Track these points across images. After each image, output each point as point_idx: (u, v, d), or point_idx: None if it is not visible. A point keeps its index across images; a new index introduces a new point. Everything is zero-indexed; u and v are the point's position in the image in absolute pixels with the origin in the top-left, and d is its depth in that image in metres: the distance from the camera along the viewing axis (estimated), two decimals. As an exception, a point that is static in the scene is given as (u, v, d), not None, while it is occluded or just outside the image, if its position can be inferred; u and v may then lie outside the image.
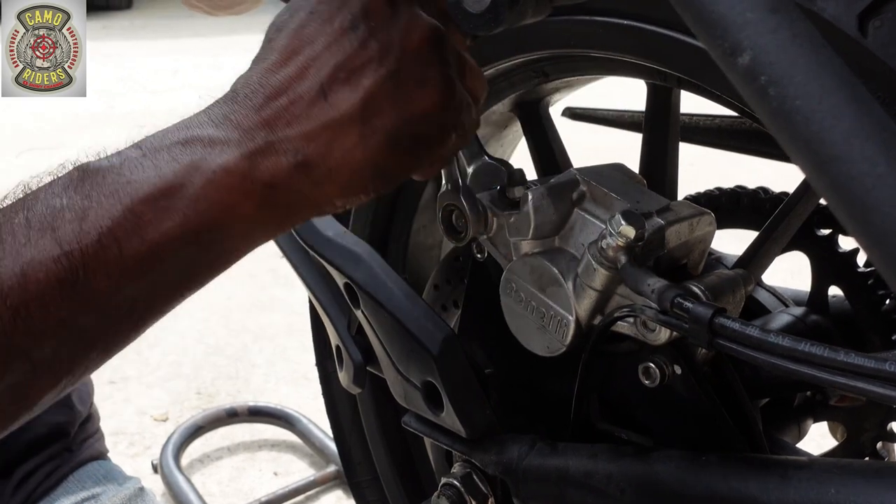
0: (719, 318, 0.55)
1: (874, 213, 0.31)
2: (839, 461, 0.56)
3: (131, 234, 0.46)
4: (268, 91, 0.50)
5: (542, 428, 0.74)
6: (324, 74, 0.50)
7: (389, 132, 0.50)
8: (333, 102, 0.49)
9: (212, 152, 0.48)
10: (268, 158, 0.49)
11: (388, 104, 0.50)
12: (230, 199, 0.48)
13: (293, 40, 0.51)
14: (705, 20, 0.33)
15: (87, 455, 1.21)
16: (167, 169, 0.48)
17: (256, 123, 0.49)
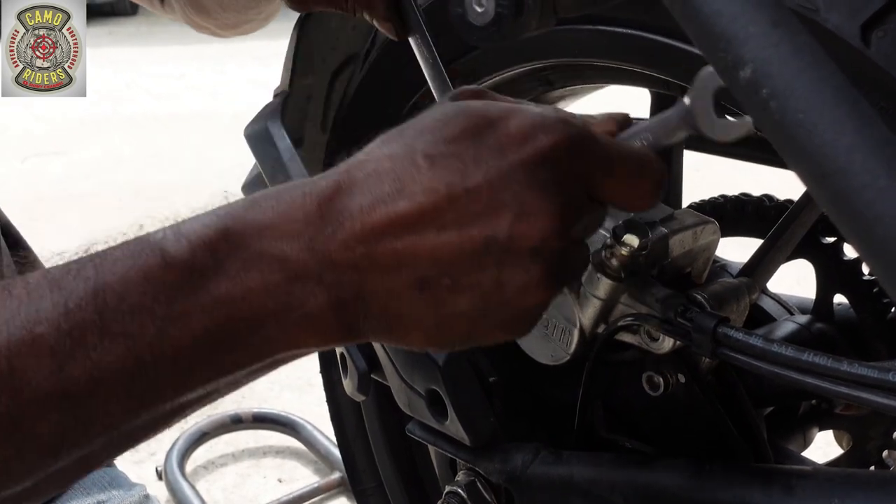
0: (723, 328, 0.55)
1: (876, 225, 0.31)
2: (844, 471, 0.56)
3: (203, 363, 0.43)
4: (369, 233, 0.44)
5: (546, 436, 0.74)
6: (431, 271, 0.44)
7: (472, 323, 0.46)
8: (422, 301, 0.45)
9: (300, 286, 0.43)
10: (352, 312, 0.45)
11: (462, 325, 0.46)
12: (309, 339, 0.45)
13: (428, 194, 0.44)
14: (708, 34, 0.33)
15: None
16: (254, 297, 0.43)
17: (351, 267, 0.44)
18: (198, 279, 0.42)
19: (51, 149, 3.72)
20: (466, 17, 0.44)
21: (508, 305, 0.45)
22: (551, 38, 0.71)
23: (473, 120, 0.45)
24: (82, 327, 0.41)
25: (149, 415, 0.44)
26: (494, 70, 0.79)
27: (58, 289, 0.42)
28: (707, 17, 0.33)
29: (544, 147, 0.44)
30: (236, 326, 0.43)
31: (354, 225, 0.43)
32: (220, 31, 1.03)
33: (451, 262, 0.44)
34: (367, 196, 0.44)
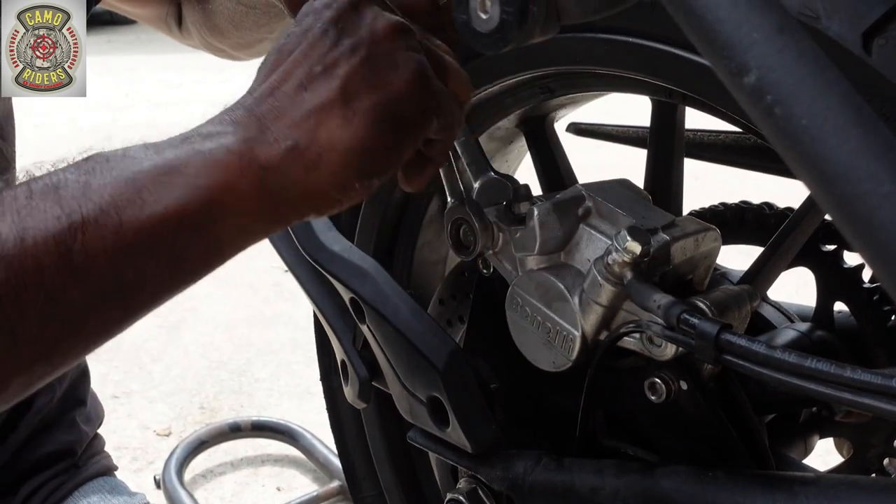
0: (725, 334, 0.55)
1: (880, 231, 0.31)
2: (846, 477, 0.56)
3: (131, 205, 0.48)
4: (257, 95, 0.55)
5: (547, 443, 0.74)
6: (303, 73, 0.55)
7: (369, 112, 0.54)
8: (314, 92, 0.54)
9: (210, 139, 0.52)
10: (262, 144, 0.52)
11: (365, 88, 0.54)
12: (228, 177, 0.51)
13: (277, 56, 0.57)
14: (712, 40, 0.33)
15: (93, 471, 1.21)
16: (170, 153, 0.51)
17: (248, 118, 0.54)
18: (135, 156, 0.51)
19: (50, 158, 3.72)
20: (471, 24, 0.44)
21: (379, 55, 0.55)
22: (552, 45, 0.71)
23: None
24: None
25: (84, 286, 0.47)
26: (495, 78, 0.80)
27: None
28: (711, 23, 0.34)
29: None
30: (156, 175, 0.49)
31: (245, 99, 0.55)
32: (235, 53, 1.04)
33: (311, 55, 0.55)
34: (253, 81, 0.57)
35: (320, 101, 0.54)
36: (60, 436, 1.21)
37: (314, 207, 0.55)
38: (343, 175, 0.54)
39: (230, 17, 0.97)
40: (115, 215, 0.47)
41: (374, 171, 0.55)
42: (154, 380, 2.02)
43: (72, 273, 0.46)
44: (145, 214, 0.48)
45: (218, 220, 0.51)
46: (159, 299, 0.52)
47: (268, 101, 0.55)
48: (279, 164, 0.52)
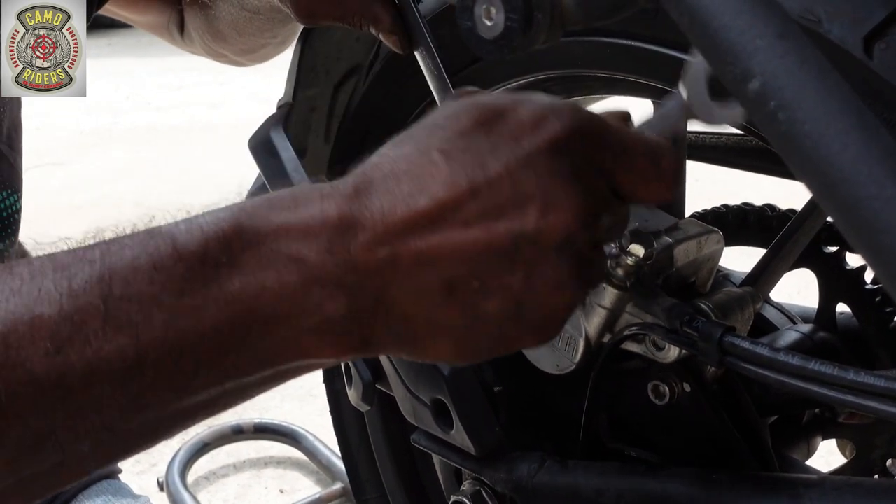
0: (728, 337, 0.55)
1: (883, 234, 0.31)
2: (850, 479, 0.57)
3: (211, 363, 0.41)
4: (393, 236, 0.42)
5: (551, 446, 0.74)
6: (458, 272, 0.42)
7: (489, 342, 0.46)
8: (451, 305, 0.43)
9: (318, 289, 0.41)
10: (370, 326, 0.43)
11: (492, 330, 0.45)
12: (324, 348, 0.43)
13: (448, 188, 0.42)
14: (716, 47, 0.34)
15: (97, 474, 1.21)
16: (265, 295, 0.41)
17: (373, 272, 0.42)
18: (210, 272, 0.40)
19: (50, 160, 3.72)
20: (476, 31, 0.44)
21: (539, 307, 0.43)
22: (554, 49, 0.71)
23: (484, 111, 0.44)
24: (84, 311, 0.39)
25: (144, 418, 0.41)
26: (498, 81, 0.80)
27: (62, 270, 0.40)
28: (715, 30, 0.34)
29: (558, 132, 0.43)
30: (247, 326, 0.41)
31: (376, 226, 0.41)
32: (239, 58, 1.04)
33: (480, 261, 0.42)
34: (387, 196, 0.42)
35: (447, 322, 0.44)
36: None
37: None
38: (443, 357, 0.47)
39: (233, 23, 0.97)
40: (192, 371, 0.41)
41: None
42: (156, 382, 2.03)
43: (134, 413, 0.41)
44: (222, 371, 0.42)
45: (291, 374, 0.45)
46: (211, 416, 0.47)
47: (402, 267, 0.42)
48: (378, 347, 0.45)
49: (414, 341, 0.44)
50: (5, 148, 0.97)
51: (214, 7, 0.97)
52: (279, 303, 0.41)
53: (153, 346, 0.40)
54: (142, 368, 0.40)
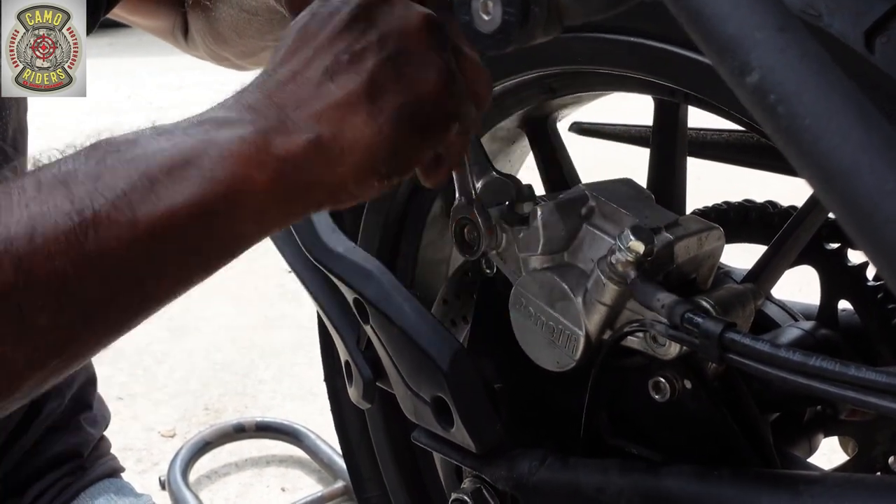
0: (729, 333, 0.55)
1: (884, 228, 0.31)
2: (852, 476, 0.56)
3: (145, 199, 0.46)
4: (277, 79, 0.53)
5: (552, 443, 0.74)
6: (328, 61, 0.53)
7: (395, 111, 0.52)
8: (339, 84, 0.52)
9: (227, 128, 0.50)
10: (281, 135, 0.50)
11: (391, 85, 0.52)
12: (245, 170, 0.49)
13: (299, 36, 0.54)
14: (715, 40, 0.33)
15: (100, 472, 1.22)
16: (183, 142, 0.49)
17: (267, 105, 0.51)
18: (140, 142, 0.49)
19: (58, 144, 3.71)
20: (473, 25, 0.44)
21: (408, 52, 0.52)
22: (554, 45, 0.71)
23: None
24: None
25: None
26: (498, 78, 0.80)
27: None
28: (713, 23, 0.34)
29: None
30: (170, 168, 0.47)
31: (258, 81, 0.53)
32: (240, 61, 1.05)
33: (338, 41, 0.52)
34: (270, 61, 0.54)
35: (346, 93, 0.52)
36: (67, 438, 1.22)
37: (331, 199, 0.54)
38: (364, 172, 0.53)
39: (233, 25, 0.98)
40: (128, 210, 0.46)
41: (396, 170, 0.54)
42: (158, 382, 2.03)
43: (85, 267, 0.45)
44: (159, 209, 0.47)
45: (233, 213, 0.49)
46: (174, 292, 0.51)
47: (288, 86, 0.52)
48: (299, 156, 0.50)
49: (333, 137, 0.51)
50: (10, 150, 0.97)
51: (215, 9, 0.97)
52: (195, 146, 0.49)
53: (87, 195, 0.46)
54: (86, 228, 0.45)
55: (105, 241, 0.45)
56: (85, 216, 0.45)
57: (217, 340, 2.22)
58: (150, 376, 2.04)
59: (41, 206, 0.45)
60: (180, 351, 2.15)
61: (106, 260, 0.46)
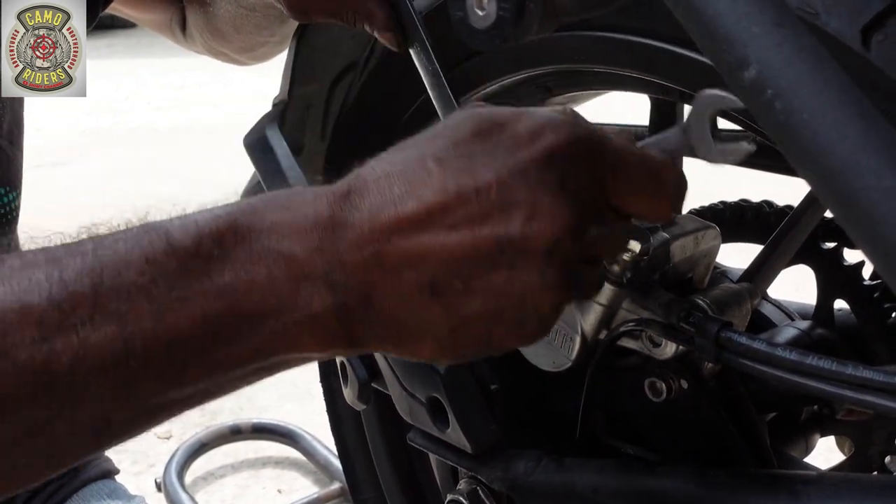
0: (726, 332, 0.55)
1: (882, 225, 0.31)
2: (849, 476, 0.56)
3: (201, 352, 0.42)
4: (380, 236, 0.43)
5: (548, 444, 0.74)
6: (441, 273, 0.43)
7: (474, 341, 0.46)
8: (435, 304, 0.44)
9: (305, 285, 0.43)
10: (358, 322, 0.44)
11: (476, 331, 0.45)
12: (309, 345, 0.45)
13: (437, 193, 0.43)
14: (711, 35, 0.33)
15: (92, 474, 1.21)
16: (257, 285, 0.42)
17: (359, 268, 0.43)
18: (202, 265, 0.41)
19: (51, 160, 3.71)
20: (468, 21, 0.44)
21: (522, 309, 0.44)
22: (550, 44, 0.71)
23: (483, 122, 0.44)
24: (73, 301, 0.40)
25: (134, 407, 0.42)
26: (494, 77, 0.79)
27: (54, 261, 0.41)
28: (710, 18, 0.33)
29: (555, 144, 0.43)
30: (236, 318, 0.42)
31: (364, 226, 0.43)
32: (238, 57, 1.05)
33: (463, 263, 0.43)
34: (377, 197, 0.43)
35: (430, 321, 0.44)
36: None
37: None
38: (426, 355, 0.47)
39: (231, 21, 0.98)
40: (181, 360, 0.42)
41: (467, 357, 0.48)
42: (154, 383, 2.02)
43: (124, 402, 0.42)
44: (212, 361, 0.43)
45: (284, 365, 0.46)
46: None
47: (388, 267, 0.43)
48: (366, 344, 0.46)
49: (399, 340, 0.45)
50: (5, 144, 0.97)
51: (213, 4, 0.97)
52: (267, 297, 0.42)
53: (141, 336, 0.40)
54: (128, 358, 0.40)
55: (149, 383, 0.42)
56: (135, 361, 0.41)
57: (213, 341, 2.21)
58: (146, 377, 2.04)
59: (91, 335, 0.40)
60: (176, 352, 2.14)
61: (144, 399, 0.43)
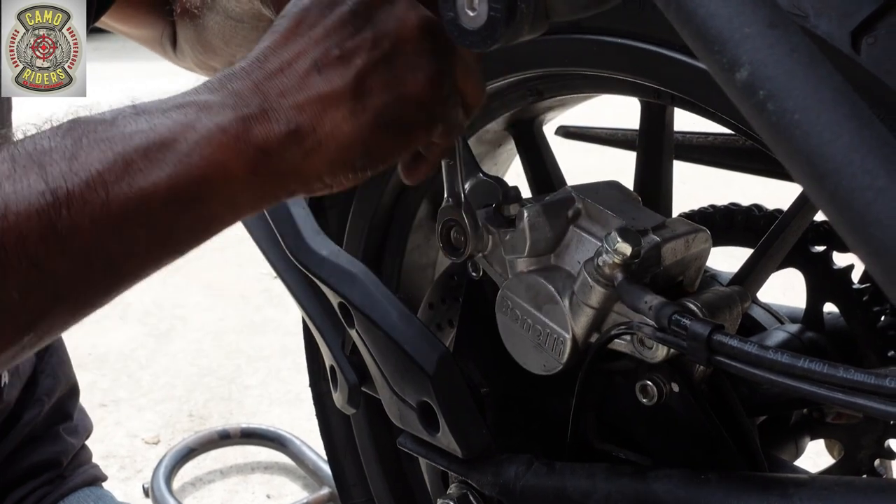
0: (717, 335, 0.55)
1: (875, 226, 0.31)
2: (839, 478, 0.56)
3: (120, 181, 0.46)
4: (264, 66, 0.53)
5: (538, 447, 0.73)
6: (319, 52, 0.53)
7: (378, 111, 0.53)
8: (326, 77, 0.52)
9: (208, 113, 0.50)
10: (261, 123, 0.51)
11: (379, 85, 0.53)
12: (222, 156, 0.49)
13: (294, 24, 0.54)
14: (704, 36, 0.33)
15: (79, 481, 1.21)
16: (161, 125, 0.49)
17: (251, 91, 0.52)
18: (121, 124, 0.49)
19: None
20: (459, 22, 0.44)
21: (401, 54, 0.53)
22: (540, 47, 0.71)
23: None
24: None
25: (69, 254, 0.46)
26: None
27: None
28: (702, 19, 0.33)
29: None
30: (148, 147, 0.48)
31: (245, 65, 0.53)
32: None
33: (332, 35, 0.52)
34: (260, 45, 0.54)
35: (331, 88, 0.52)
36: (46, 447, 1.22)
37: (305, 189, 0.54)
38: (338, 166, 0.53)
39: (220, 33, 0.98)
40: (102, 191, 0.46)
41: (370, 166, 0.55)
42: (142, 388, 2.01)
43: (57, 244, 0.45)
44: (133, 190, 0.47)
45: (207, 198, 0.50)
46: (145, 271, 0.51)
47: (276, 77, 0.52)
48: (276, 146, 0.51)
49: (313, 129, 0.51)
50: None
51: (202, 17, 0.98)
52: (177, 126, 0.49)
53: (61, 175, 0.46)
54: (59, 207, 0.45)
55: (78, 221, 0.45)
56: (58, 196, 0.45)
57: (202, 346, 2.20)
58: (133, 382, 2.02)
59: (14, 185, 0.45)
60: (165, 357, 2.13)
61: (77, 239, 0.46)
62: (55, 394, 1.25)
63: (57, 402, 1.25)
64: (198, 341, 2.22)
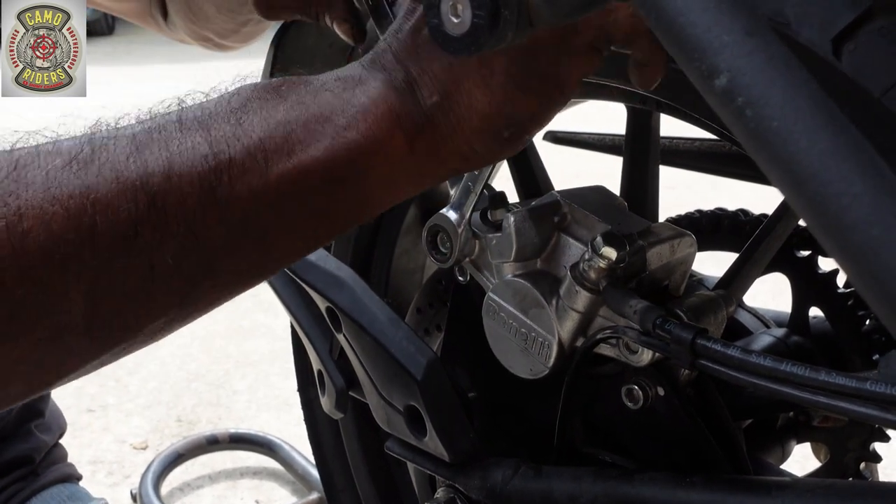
0: (701, 339, 0.55)
1: (851, 231, 0.31)
2: (821, 481, 0.56)
3: (280, 151, 0.46)
4: (399, 37, 0.53)
5: (525, 451, 0.73)
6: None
7: (506, 71, 0.51)
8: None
9: (363, 87, 0.50)
10: (411, 94, 0.51)
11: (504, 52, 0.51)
12: (377, 130, 0.49)
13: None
14: (683, 43, 0.33)
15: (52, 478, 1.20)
16: (321, 97, 0.49)
17: (395, 66, 0.52)
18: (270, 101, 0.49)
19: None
20: (443, 28, 0.44)
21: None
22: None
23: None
24: (161, 124, 0.47)
25: (224, 220, 0.45)
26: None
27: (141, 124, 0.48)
28: (681, 26, 0.34)
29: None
30: (307, 121, 0.47)
31: (392, 45, 0.52)
32: (221, 41, 1.02)
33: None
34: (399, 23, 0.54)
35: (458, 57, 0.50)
36: (18, 444, 1.21)
37: (464, 162, 0.53)
38: (487, 135, 0.52)
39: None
40: (263, 161, 0.46)
41: (522, 128, 0.53)
42: (130, 392, 2.00)
43: (214, 212, 0.45)
44: (293, 163, 0.46)
45: (364, 175, 0.49)
46: (296, 251, 0.50)
47: (410, 48, 0.52)
48: (425, 120, 0.51)
49: (448, 90, 0.51)
50: None
51: None
52: (328, 98, 0.49)
53: (224, 139, 0.45)
54: (220, 173, 0.45)
55: (236, 189, 0.45)
56: (221, 160, 0.45)
57: (191, 350, 2.19)
58: (121, 387, 2.02)
59: (180, 146, 0.45)
60: (153, 361, 2.12)
61: (234, 207, 0.45)
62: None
63: (27, 402, 1.25)
64: (186, 346, 2.21)
